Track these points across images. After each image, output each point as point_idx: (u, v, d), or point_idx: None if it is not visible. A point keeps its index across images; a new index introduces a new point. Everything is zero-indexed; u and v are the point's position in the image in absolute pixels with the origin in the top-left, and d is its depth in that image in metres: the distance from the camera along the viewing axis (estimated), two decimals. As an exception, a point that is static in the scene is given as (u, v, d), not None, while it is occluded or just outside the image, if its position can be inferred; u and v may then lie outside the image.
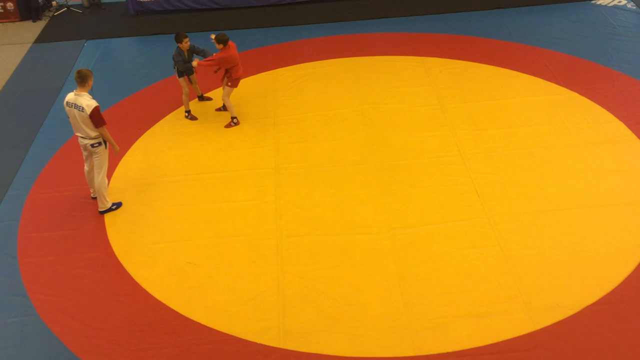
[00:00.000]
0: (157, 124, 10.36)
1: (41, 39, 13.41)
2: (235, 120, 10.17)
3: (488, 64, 11.44)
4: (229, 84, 9.90)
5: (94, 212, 8.62)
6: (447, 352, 6.61)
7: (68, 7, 14.57)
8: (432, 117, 10.12)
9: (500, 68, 11.31)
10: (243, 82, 10.85)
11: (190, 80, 10.36)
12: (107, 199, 8.62)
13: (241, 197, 8.78)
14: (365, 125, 10.03)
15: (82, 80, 7.95)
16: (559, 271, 7.42)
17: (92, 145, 8.19)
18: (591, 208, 8.26)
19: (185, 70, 9.94)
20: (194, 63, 9.73)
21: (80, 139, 8.22)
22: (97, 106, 7.94)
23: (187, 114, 10.47)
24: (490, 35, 12.40)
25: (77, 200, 8.85)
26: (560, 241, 7.82)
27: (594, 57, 11.49)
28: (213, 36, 9.70)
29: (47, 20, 14.26)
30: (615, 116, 9.88)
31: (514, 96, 10.53)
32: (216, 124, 10.29)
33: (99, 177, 8.40)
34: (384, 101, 10.59)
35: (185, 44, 9.76)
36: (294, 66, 11.71)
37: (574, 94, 10.47)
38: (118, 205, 8.73)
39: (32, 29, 13.86)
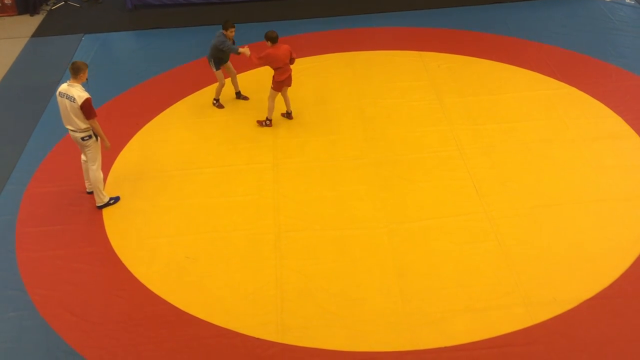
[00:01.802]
0: (155, 119, 10.34)
1: (39, 33, 13.37)
2: (267, 122, 9.91)
3: (486, 59, 11.43)
4: (272, 85, 9.62)
5: (91, 207, 8.61)
6: (445, 347, 6.63)
7: (65, 1, 14.52)
8: (430, 112, 10.11)
9: (498, 63, 11.31)
10: (241, 77, 10.84)
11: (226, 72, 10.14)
12: (104, 194, 8.58)
13: (239, 192, 8.78)
14: (364, 120, 10.02)
15: (75, 72, 7.89)
16: (557, 266, 7.44)
17: (83, 139, 8.11)
18: (589, 203, 8.27)
19: (227, 50, 9.65)
20: (245, 50, 9.53)
21: (71, 133, 8.16)
22: (89, 98, 7.87)
23: (215, 102, 10.48)
24: (489, 30, 12.39)
25: (75, 194, 8.84)
26: (558, 236, 7.83)
27: (593, 52, 11.49)
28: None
29: (44, 14, 14.21)
30: (614, 111, 9.89)
31: (513, 91, 10.53)
32: (214, 118, 10.28)
33: (93, 171, 8.33)
34: (383, 96, 10.58)
35: (231, 32, 9.63)
36: (292, 61, 11.71)
37: (573, 89, 10.47)
38: (116, 199, 8.71)
39: (30, 23, 13.82)
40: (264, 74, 10.60)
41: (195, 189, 8.88)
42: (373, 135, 9.68)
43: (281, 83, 9.57)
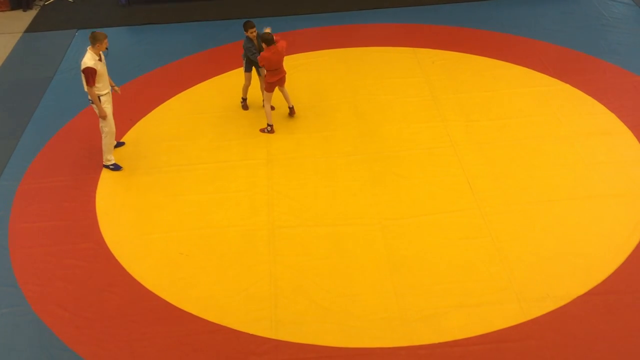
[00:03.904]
0: (149, 115, 10.31)
1: (32, 28, 13.31)
2: (269, 129, 9.74)
3: (480, 55, 11.44)
4: (264, 87, 9.48)
5: (85, 203, 8.59)
6: (439, 343, 6.64)
7: (59, -4, 14.48)
8: (424, 109, 10.12)
9: (492, 59, 11.32)
10: (238, 73, 10.81)
11: (258, 74, 9.85)
12: (111, 157, 9.06)
13: (233, 188, 8.77)
14: (358, 117, 10.02)
15: (92, 40, 8.41)
16: (550, 262, 7.46)
17: (88, 100, 8.63)
18: (582, 199, 8.30)
19: (255, 60, 9.43)
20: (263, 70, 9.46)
21: None
22: (89, 67, 8.30)
23: (242, 101, 10.31)
24: (483, 27, 12.39)
25: (68, 190, 8.82)
26: (551, 232, 7.85)
27: (586, 48, 11.51)
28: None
29: (37, 9, 14.14)
30: (607, 107, 9.92)
31: (506, 87, 10.54)
32: (208, 114, 10.26)
33: (104, 138, 8.84)
34: (376, 92, 10.58)
35: (251, 33, 9.31)
36: (286, 57, 11.63)
37: (566, 86, 10.49)
38: (116, 167, 9.08)
39: (23, 19, 13.74)
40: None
41: (188, 185, 8.86)
42: (367, 132, 9.68)
43: (273, 84, 9.42)
